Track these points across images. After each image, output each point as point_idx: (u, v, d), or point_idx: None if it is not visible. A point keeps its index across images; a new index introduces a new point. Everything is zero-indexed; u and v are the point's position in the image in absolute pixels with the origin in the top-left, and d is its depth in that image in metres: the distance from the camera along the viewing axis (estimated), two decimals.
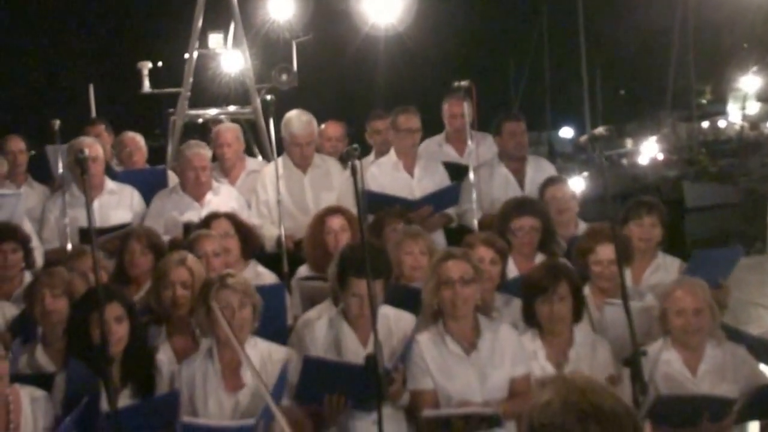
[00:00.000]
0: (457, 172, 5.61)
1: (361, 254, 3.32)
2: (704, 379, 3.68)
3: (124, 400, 3.44)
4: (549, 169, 5.70)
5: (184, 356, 3.74)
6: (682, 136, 32.83)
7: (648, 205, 4.65)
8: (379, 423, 3.28)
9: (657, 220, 4.59)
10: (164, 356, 3.75)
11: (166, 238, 4.85)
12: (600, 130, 4.47)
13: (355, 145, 3.38)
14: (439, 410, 3.49)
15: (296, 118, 5.44)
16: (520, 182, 5.54)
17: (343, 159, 3.29)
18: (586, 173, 24.07)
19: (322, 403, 3.54)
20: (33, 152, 5.88)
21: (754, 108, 32.30)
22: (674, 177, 28.53)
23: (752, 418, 3.88)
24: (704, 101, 34.09)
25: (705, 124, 35.69)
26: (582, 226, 4.99)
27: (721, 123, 36.95)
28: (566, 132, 40.93)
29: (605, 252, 4.10)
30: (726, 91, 33.14)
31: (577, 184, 13.23)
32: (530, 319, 3.81)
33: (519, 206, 4.69)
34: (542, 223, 4.60)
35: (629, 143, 36.61)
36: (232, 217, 4.76)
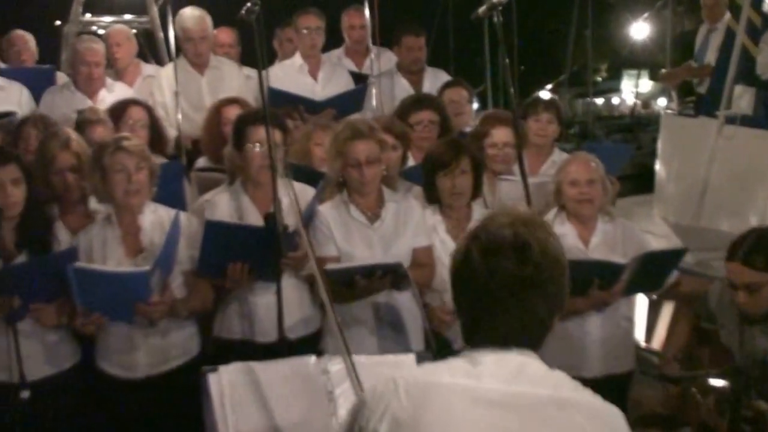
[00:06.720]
0: (359, 81, 5.59)
1: (261, 112, 3.28)
2: (595, 251, 3.80)
3: None
4: (447, 80, 5.73)
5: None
6: (578, 112, 33.71)
7: (545, 102, 4.78)
8: (278, 285, 3.23)
9: (554, 117, 4.73)
10: (59, 231, 3.60)
11: None
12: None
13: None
14: (340, 264, 3.46)
15: (188, 13, 5.32)
16: (418, 92, 5.56)
17: (243, 19, 3.20)
18: None
19: (225, 275, 3.48)
20: None
21: (646, 86, 33.48)
22: (570, 149, 29.20)
23: (639, 290, 4.04)
24: (600, 79, 35.16)
25: (600, 101, 36.77)
26: None
27: (615, 100, 38.23)
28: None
29: (500, 134, 4.22)
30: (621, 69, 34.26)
31: None
32: (431, 196, 3.83)
33: (416, 101, 4.72)
34: (440, 117, 4.64)
35: None
36: (148, 107, 4.59)
